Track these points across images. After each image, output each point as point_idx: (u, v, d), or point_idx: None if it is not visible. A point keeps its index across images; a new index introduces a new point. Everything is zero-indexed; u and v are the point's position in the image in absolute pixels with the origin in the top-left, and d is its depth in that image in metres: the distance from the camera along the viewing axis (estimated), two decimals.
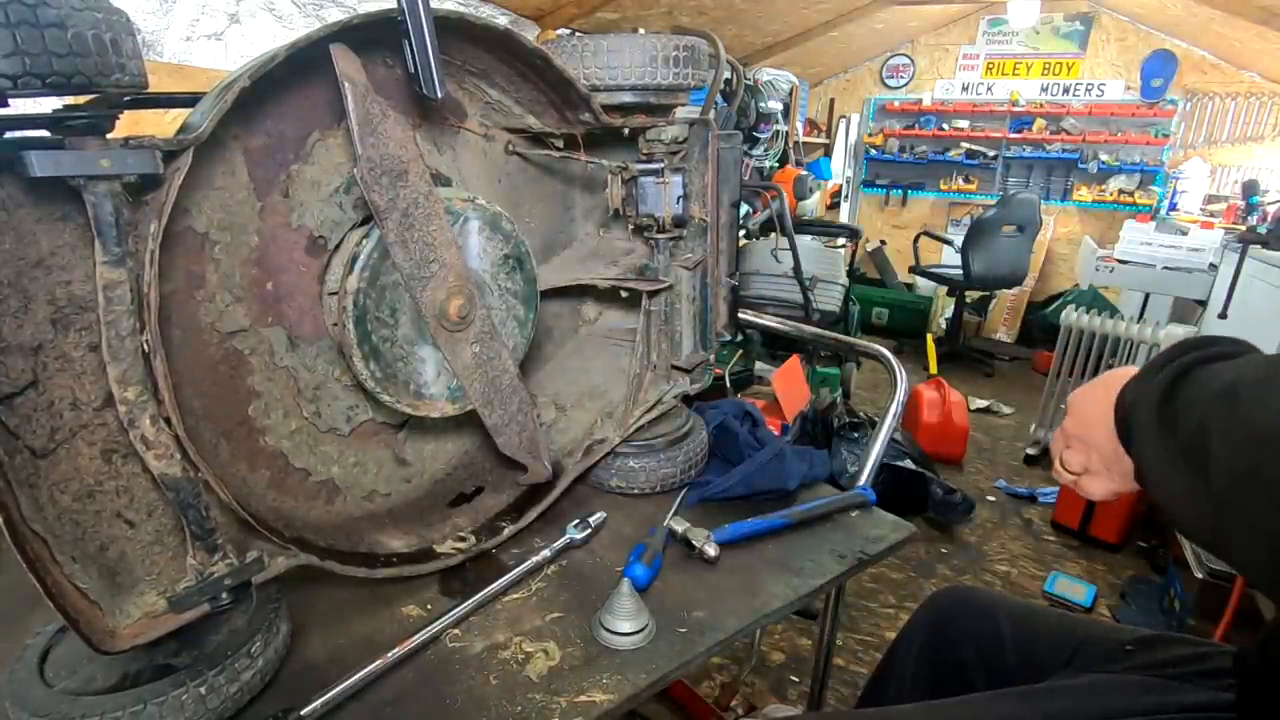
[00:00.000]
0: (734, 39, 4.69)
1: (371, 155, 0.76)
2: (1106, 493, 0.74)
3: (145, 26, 1.94)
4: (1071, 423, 0.75)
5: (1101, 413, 0.70)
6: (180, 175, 0.63)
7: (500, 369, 0.95)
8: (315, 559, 0.79)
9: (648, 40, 0.97)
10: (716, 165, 1.08)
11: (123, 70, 0.58)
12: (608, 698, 0.73)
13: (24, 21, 0.51)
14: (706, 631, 0.83)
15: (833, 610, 1.19)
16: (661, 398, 1.15)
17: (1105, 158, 5.49)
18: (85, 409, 0.65)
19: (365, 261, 0.81)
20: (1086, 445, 0.73)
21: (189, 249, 0.74)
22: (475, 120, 0.98)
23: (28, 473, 0.62)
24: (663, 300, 1.12)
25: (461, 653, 0.79)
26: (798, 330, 1.73)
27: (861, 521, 1.07)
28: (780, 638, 2.13)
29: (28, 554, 0.59)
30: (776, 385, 2.55)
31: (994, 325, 5.64)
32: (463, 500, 1.04)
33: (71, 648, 0.71)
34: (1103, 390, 0.71)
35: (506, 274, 0.96)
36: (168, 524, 0.71)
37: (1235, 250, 3.02)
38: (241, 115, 0.73)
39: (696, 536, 0.96)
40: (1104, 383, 0.72)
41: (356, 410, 0.94)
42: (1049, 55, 5.62)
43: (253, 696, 0.71)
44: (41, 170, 0.55)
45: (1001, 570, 2.55)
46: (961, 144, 5.98)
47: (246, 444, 0.83)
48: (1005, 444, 3.62)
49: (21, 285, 0.60)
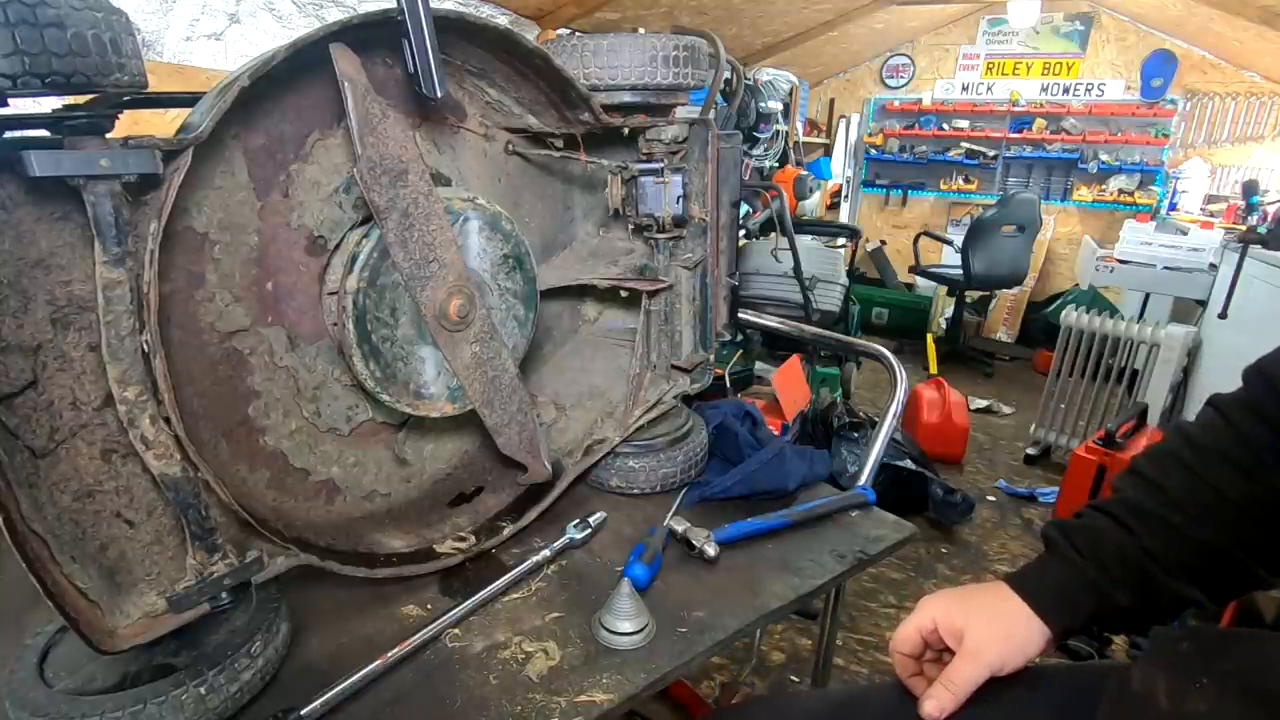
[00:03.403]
0: (734, 39, 4.69)
1: (371, 155, 0.76)
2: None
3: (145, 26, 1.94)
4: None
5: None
6: (180, 175, 0.63)
7: (500, 369, 0.95)
8: (315, 559, 0.79)
9: (648, 40, 0.97)
10: (716, 165, 1.08)
11: (122, 70, 0.58)
12: (608, 697, 0.73)
13: (23, 21, 0.51)
14: (706, 631, 0.83)
15: (833, 610, 1.19)
16: (661, 398, 1.15)
17: (1105, 158, 5.49)
18: (85, 409, 0.65)
19: (365, 261, 0.81)
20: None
21: (189, 249, 0.74)
22: (475, 120, 0.98)
23: (27, 473, 0.62)
24: (663, 300, 1.12)
25: (461, 653, 0.79)
26: (798, 330, 1.73)
27: (861, 521, 1.07)
28: (780, 638, 2.13)
29: (27, 554, 0.59)
30: (776, 385, 2.55)
31: (994, 325, 5.64)
32: (463, 500, 1.04)
33: (71, 648, 0.71)
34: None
35: (506, 274, 0.96)
36: (167, 524, 0.71)
37: (1235, 250, 3.02)
38: (241, 115, 0.73)
39: (696, 536, 0.96)
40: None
41: (356, 410, 0.94)
42: (1049, 55, 5.62)
43: (253, 696, 0.71)
44: (41, 170, 0.55)
45: (1001, 570, 2.55)
46: (961, 144, 5.98)
47: (246, 444, 0.83)
48: (1005, 444, 3.62)
49: (21, 285, 0.60)
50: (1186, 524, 0.66)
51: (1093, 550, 0.69)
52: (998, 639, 0.67)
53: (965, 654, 0.67)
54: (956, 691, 0.66)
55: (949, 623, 0.69)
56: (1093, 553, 0.68)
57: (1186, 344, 3.07)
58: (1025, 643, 0.67)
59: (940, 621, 0.70)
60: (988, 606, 0.69)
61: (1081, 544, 0.69)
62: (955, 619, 0.69)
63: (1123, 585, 0.67)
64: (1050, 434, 3.35)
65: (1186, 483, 0.67)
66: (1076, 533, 0.71)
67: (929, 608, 0.72)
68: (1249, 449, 0.64)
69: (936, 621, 0.70)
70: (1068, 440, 3.28)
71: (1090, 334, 3.20)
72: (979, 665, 0.66)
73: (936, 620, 0.70)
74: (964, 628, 0.68)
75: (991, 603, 0.70)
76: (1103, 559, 0.68)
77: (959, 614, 0.69)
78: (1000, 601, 0.69)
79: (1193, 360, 3.23)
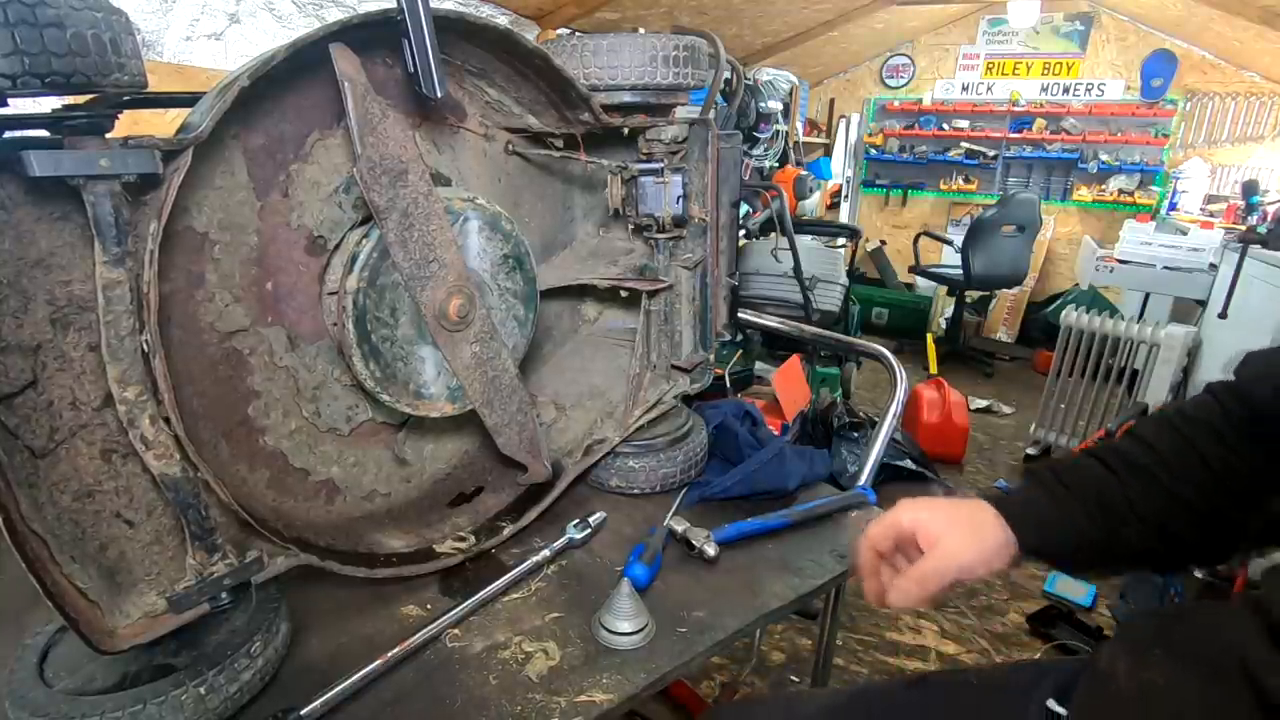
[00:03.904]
0: (734, 39, 4.69)
1: (371, 155, 0.76)
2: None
3: (145, 26, 1.94)
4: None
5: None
6: (180, 175, 0.63)
7: (500, 369, 0.95)
8: (315, 559, 0.79)
9: (648, 40, 0.97)
10: (716, 165, 1.08)
11: (122, 70, 0.58)
12: (607, 697, 0.73)
13: (23, 21, 0.51)
14: (706, 631, 0.83)
15: (833, 610, 1.19)
16: (661, 398, 1.15)
17: (1105, 158, 5.49)
18: (85, 409, 0.65)
19: (365, 261, 0.81)
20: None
21: (189, 249, 0.74)
22: (475, 120, 0.98)
23: (27, 473, 0.62)
24: (663, 300, 1.12)
25: (461, 653, 0.79)
26: (798, 330, 1.73)
27: (862, 521, 1.07)
28: (780, 638, 2.13)
29: (27, 554, 0.59)
30: (776, 385, 2.55)
31: (994, 325, 5.64)
32: (463, 500, 1.04)
33: (71, 648, 0.71)
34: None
35: (506, 274, 0.96)
36: (167, 524, 0.71)
37: (1235, 250, 3.01)
38: (241, 115, 0.73)
39: (696, 536, 0.96)
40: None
41: (356, 410, 0.94)
42: (1049, 55, 5.62)
43: (253, 696, 0.71)
44: (41, 170, 0.55)
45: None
46: (961, 144, 5.98)
47: (246, 444, 0.83)
48: (1005, 444, 3.62)
49: (21, 285, 0.60)
50: (1171, 480, 0.70)
51: (1077, 485, 0.73)
52: (970, 546, 0.70)
53: (937, 555, 0.70)
54: (925, 586, 0.70)
55: (926, 529, 0.72)
56: (1076, 487, 0.72)
57: (1186, 344, 3.06)
58: (994, 555, 0.71)
59: (920, 526, 0.73)
60: (965, 518, 0.72)
61: (1068, 480, 0.73)
62: (932, 525, 0.72)
63: (1097, 522, 0.71)
64: (1050, 434, 3.35)
65: (1176, 444, 0.71)
66: (1065, 471, 0.75)
67: (909, 511, 0.74)
68: (1232, 425, 0.70)
69: (915, 525, 0.73)
70: (1068, 440, 3.28)
71: (1090, 334, 3.20)
72: (949, 567, 0.70)
73: (916, 524, 0.73)
74: (940, 535, 0.71)
75: (969, 514, 0.73)
76: (1084, 493, 0.72)
77: (936, 521, 0.72)
78: (977, 512, 0.73)
79: (1192, 360, 3.23)
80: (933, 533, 0.71)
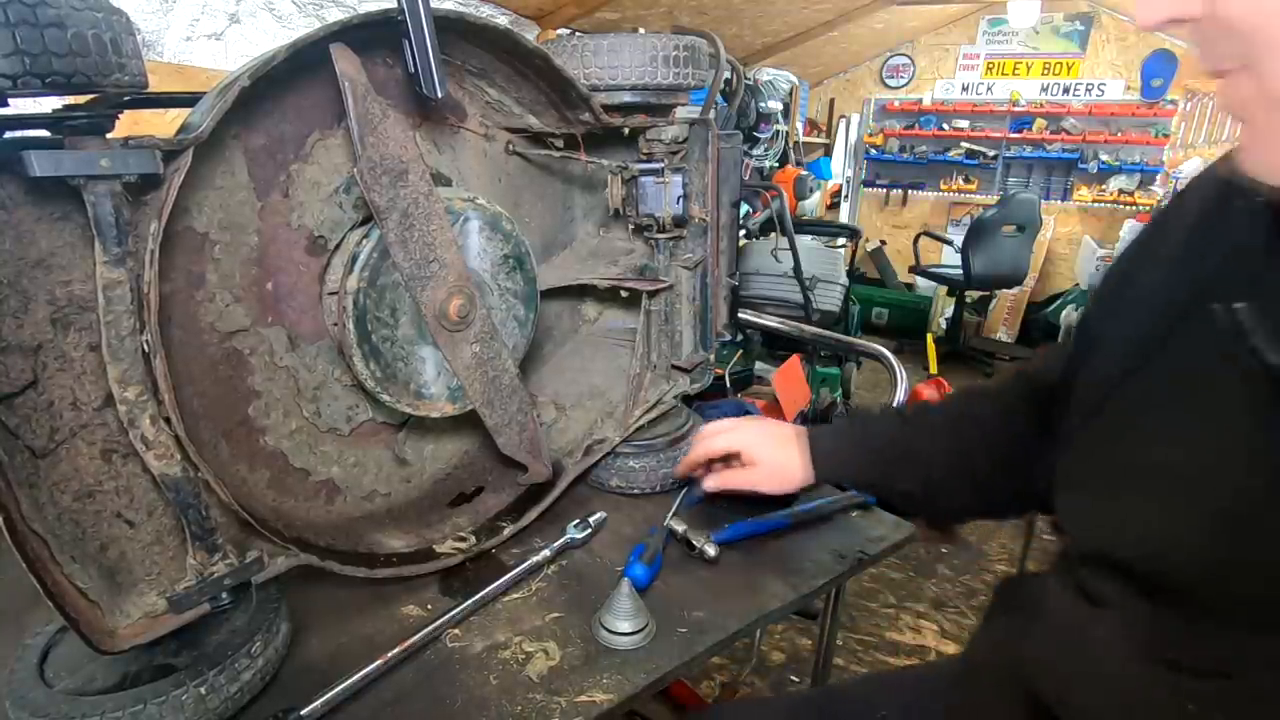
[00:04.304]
0: (734, 39, 4.69)
1: (371, 155, 0.76)
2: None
3: (145, 26, 1.94)
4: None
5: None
6: (180, 175, 0.63)
7: (500, 369, 0.95)
8: (315, 559, 0.79)
9: (648, 40, 0.97)
10: (716, 165, 1.08)
11: (123, 70, 0.58)
12: (608, 697, 0.73)
13: (24, 21, 0.50)
14: (706, 631, 0.83)
15: (833, 610, 1.19)
16: (661, 398, 1.15)
17: (1105, 158, 5.49)
18: (85, 409, 0.65)
19: (365, 261, 0.81)
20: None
21: (189, 249, 0.74)
22: (475, 120, 0.98)
23: (28, 473, 0.62)
24: (663, 300, 1.12)
25: (461, 653, 0.79)
26: (798, 330, 1.73)
27: (861, 521, 1.07)
28: (780, 638, 2.13)
29: (28, 554, 0.59)
30: (776, 385, 2.54)
31: (994, 325, 5.64)
32: (463, 500, 1.04)
33: (71, 648, 0.71)
34: None
35: (506, 274, 0.96)
36: (168, 524, 0.71)
37: None
38: (241, 115, 0.73)
39: (696, 536, 0.96)
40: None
41: (356, 410, 0.94)
42: (1049, 55, 5.62)
43: (253, 696, 0.71)
44: (41, 170, 0.55)
45: (1001, 570, 2.55)
46: (961, 144, 5.98)
47: (246, 444, 0.83)
48: None
49: (21, 285, 0.60)
50: (953, 437, 0.87)
51: (872, 432, 0.93)
52: (776, 473, 0.95)
53: (749, 471, 0.96)
54: (729, 485, 0.97)
55: (751, 454, 0.96)
56: (871, 433, 0.93)
57: None
58: (791, 481, 0.95)
59: (745, 450, 0.96)
60: (780, 447, 0.95)
61: (869, 426, 0.94)
62: (757, 452, 0.95)
63: (878, 465, 0.90)
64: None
65: (969, 410, 0.89)
66: (870, 419, 0.96)
67: (739, 434, 0.97)
68: (1022, 401, 0.84)
69: (744, 447, 0.96)
70: None
71: None
72: (756, 482, 0.95)
73: (745, 446, 0.96)
74: (759, 460, 0.95)
75: (783, 442, 0.95)
76: (874, 440, 0.92)
77: (761, 447, 0.95)
78: (788, 443, 0.95)
79: None
80: (755, 457, 0.95)
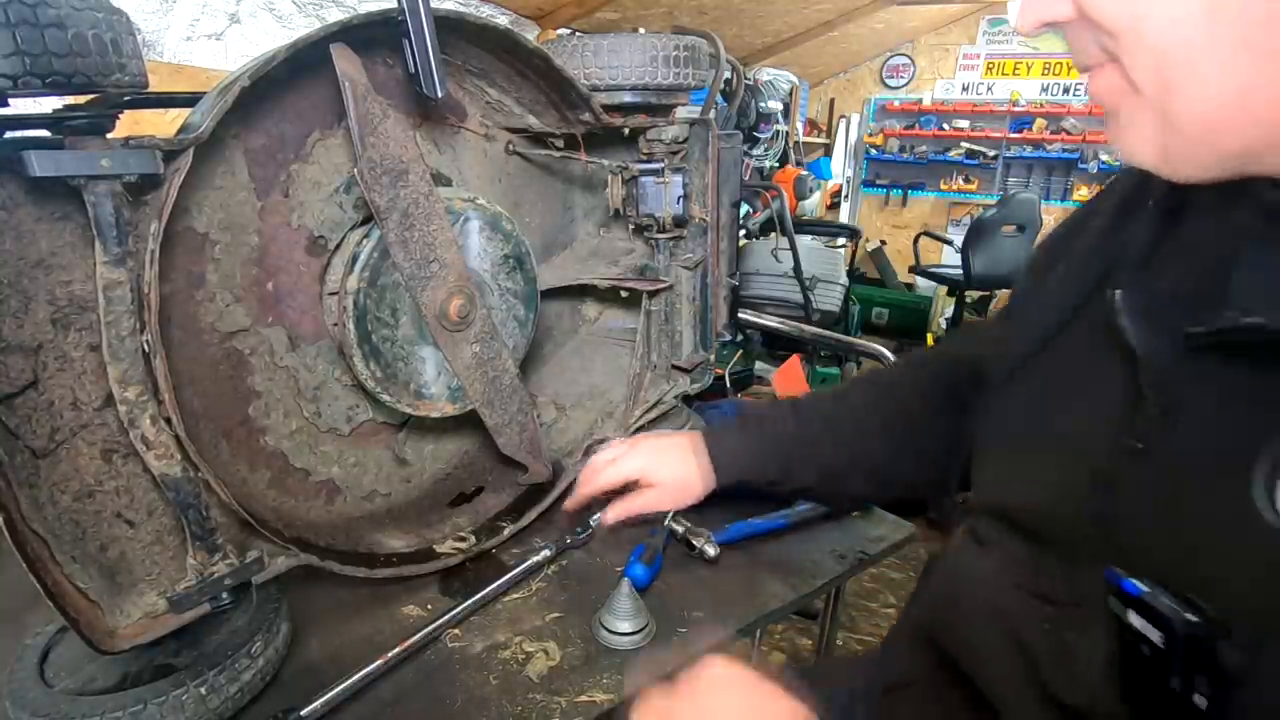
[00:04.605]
0: (734, 39, 4.69)
1: (372, 155, 0.76)
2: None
3: (145, 26, 1.94)
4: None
5: None
6: (180, 175, 0.63)
7: (500, 369, 0.95)
8: (315, 559, 0.79)
9: (648, 40, 0.97)
10: (717, 165, 1.08)
11: (123, 70, 0.58)
12: (608, 697, 0.73)
13: (24, 21, 0.51)
14: (707, 631, 0.83)
15: (833, 610, 1.19)
16: (661, 398, 1.15)
17: (1106, 158, 5.48)
18: (85, 409, 0.65)
19: (365, 261, 0.81)
20: None
21: (189, 249, 0.74)
22: (475, 120, 0.98)
23: (28, 473, 0.62)
24: (663, 300, 1.12)
25: (461, 653, 0.79)
26: (798, 330, 1.73)
27: (861, 521, 1.07)
28: (780, 638, 2.13)
29: (28, 554, 0.59)
30: (776, 385, 2.54)
31: None
32: (463, 500, 1.04)
33: (71, 648, 0.71)
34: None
35: (507, 274, 0.96)
36: (168, 524, 0.71)
37: None
38: (242, 115, 0.73)
39: (696, 536, 0.96)
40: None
41: (357, 410, 0.94)
42: (1049, 55, 5.61)
43: (253, 696, 0.71)
44: (42, 170, 0.55)
45: None
46: (961, 144, 5.97)
47: (247, 444, 0.83)
48: None
49: (21, 285, 0.60)
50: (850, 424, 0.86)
51: (769, 430, 0.89)
52: (677, 490, 0.90)
53: (648, 495, 0.90)
54: (631, 511, 0.90)
55: (649, 477, 0.90)
56: (768, 432, 0.89)
57: None
58: (692, 495, 0.91)
59: (644, 475, 0.90)
60: (678, 462, 0.90)
61: (765, 425, 0.89)
62: (655, 474, 0.90)
63: (778, 462, 0.87)
64: None
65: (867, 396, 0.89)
66: (765, 419, 0.90)
67: (636, 460, 0.91)
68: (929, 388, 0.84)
69: (642, 474, 0.90)
70: None
71: None
72: (655, 503, 0.90)
73: (642, 472, 0.90)
74: (657, 481, 0.90)
75: (681, 458, 0.90)
76: (772, 437, 0.88)
77: (660, 470, 0.90)
78: (685, 458, 0.90)
79: None
80: (653, 479, 0.90)
